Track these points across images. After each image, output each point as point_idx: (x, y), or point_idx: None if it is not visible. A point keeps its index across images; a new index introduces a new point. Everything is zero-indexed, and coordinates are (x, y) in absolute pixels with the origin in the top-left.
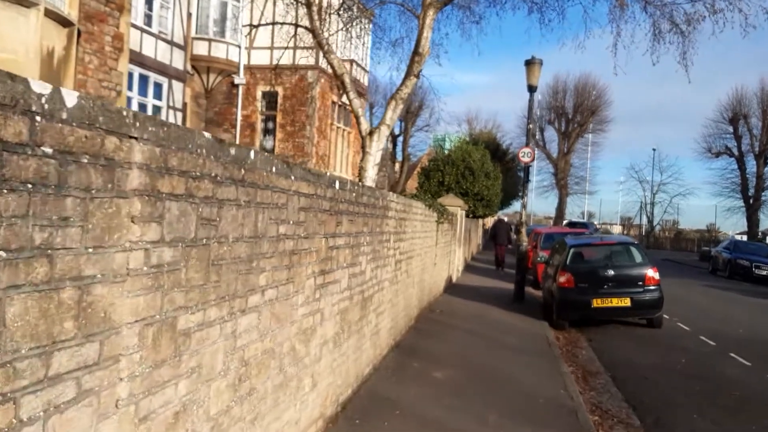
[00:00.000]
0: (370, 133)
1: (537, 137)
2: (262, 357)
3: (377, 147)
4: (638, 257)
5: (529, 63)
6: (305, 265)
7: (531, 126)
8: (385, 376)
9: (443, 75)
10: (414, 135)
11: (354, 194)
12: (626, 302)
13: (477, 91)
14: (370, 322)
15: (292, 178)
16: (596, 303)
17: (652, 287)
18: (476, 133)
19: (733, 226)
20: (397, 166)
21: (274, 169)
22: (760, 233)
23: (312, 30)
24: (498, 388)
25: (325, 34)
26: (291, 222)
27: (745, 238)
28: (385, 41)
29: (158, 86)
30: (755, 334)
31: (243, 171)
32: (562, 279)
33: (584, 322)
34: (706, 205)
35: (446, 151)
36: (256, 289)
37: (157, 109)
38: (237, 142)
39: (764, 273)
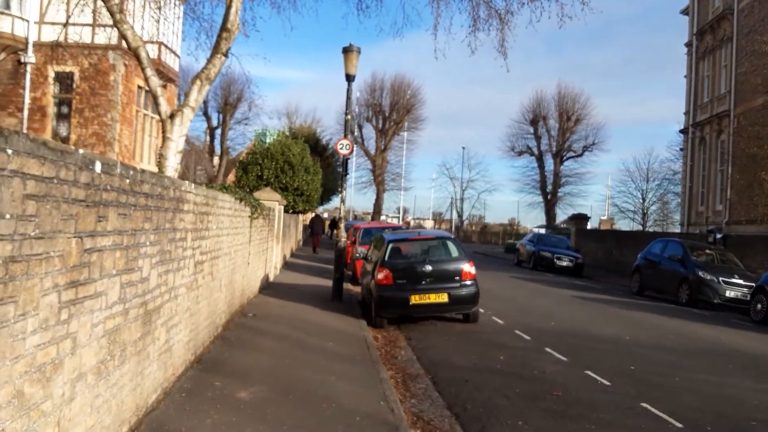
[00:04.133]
0: (171, 116)
1: (356, 134)
2: None
3: (179, 132)
4: (455, 252)
5: (346, 51)
6: (38, 276)
7: (349, 117)
8: (178, 402)
9: (256, 56)
10: (233, 128)
11: (129, 181)
12: (444, 298)
13: (297, 87)
14: (157, 339)
15: (9, 152)
16: (414, 300)
17: (469, 282)
18: (296, 128)
19: (533, 220)
20: (216, 160)
21: None
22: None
23: None
24: (312, 407)
25: (116, 0)
26: (7, 216)
27: (543, 231)
28: (195, 19)
29: None
30: (566, 327)
31: None
32: (380, 276)
33: (403, 320)
34: (509, 201)
35: (266, 145)
36: None
37: None
38: (25, 126)
39: (564, 264)
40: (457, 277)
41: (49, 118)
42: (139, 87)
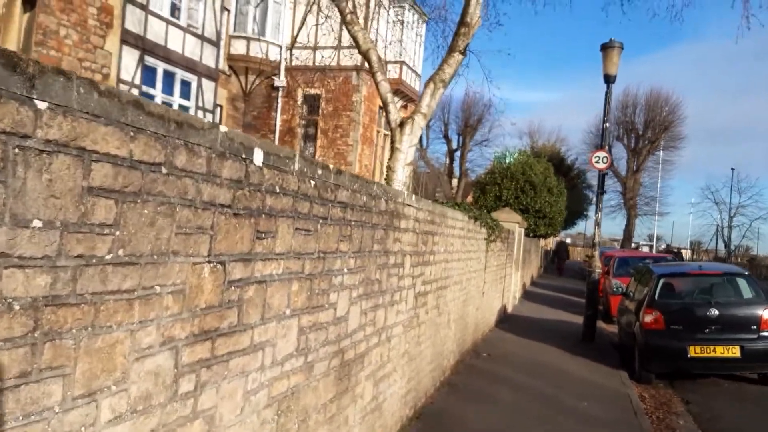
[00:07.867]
0: (401, 125)
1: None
2: None
3: (409, 141)
4: (748, 292)
5: (605, 47)
6: (123, 328)
7: (607, 125)
8: None
9: (498, 52)
10: (473, 150)
11: (314, 183)
12: (735, 352)
13: (541, 108)
14: (360, 397)
15: (41, 106)
16: (694, 352)
17: None
18: (539, 147)
19: None
20: (455, 182)
21: None
22: None
23: None
24: None
25: (349, 4)
26: (36, 223)
27: None
28: (433, 20)
29: (186, 84)
30: None
31: None
32: (648, 318)
33: (676, 375)
34: None
35: (505, 164)
36: None
37: (184, 110)
38: None
39: None
40: (754, 326)
41: (298, 139)
42: (380, 107)
